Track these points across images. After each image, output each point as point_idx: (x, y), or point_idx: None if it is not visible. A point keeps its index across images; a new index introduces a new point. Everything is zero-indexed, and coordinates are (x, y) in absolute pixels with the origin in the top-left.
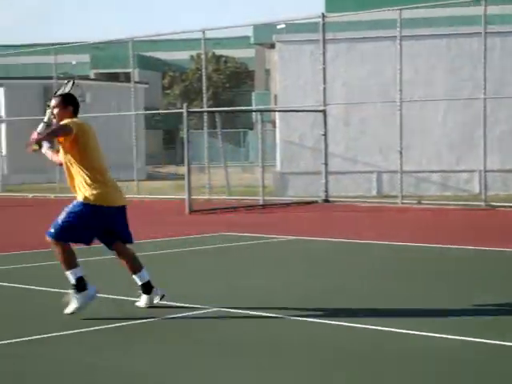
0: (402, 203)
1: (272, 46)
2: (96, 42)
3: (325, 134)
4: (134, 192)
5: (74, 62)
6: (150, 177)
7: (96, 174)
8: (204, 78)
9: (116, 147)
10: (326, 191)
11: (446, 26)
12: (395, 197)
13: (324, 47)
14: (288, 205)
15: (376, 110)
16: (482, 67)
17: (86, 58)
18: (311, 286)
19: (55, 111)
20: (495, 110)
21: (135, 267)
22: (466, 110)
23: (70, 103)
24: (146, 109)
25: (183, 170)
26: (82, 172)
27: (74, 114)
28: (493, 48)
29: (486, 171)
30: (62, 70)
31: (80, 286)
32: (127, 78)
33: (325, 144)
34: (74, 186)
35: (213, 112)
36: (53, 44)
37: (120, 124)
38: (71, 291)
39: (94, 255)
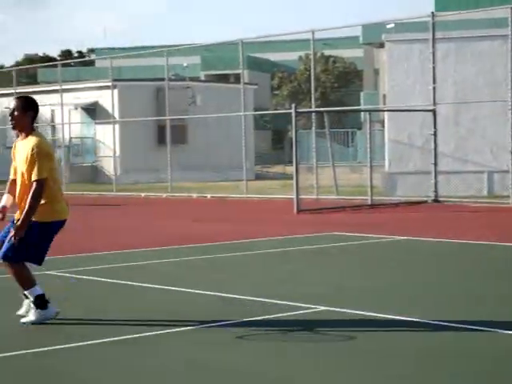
0: None
1: (381, 46)
2: (206, 44)
3: (434, 134)
4: (243, 192)
5: (185, 64)
6: (259, 177)
7: None
8: (312, 78)
9: (226, 148)
10: (436, 191)
11: None
12: (507, 197)
13: (434, 46)
14: (397, 205)
15: (486, 109)
16: None
17: (196, 59)
18: (422, 287)
19: (15, 113)
20: None
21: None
22: None
23: (30, 108)
24: (255, 109)
25: (291, 169)
26: None
27: (33, 120)
28: None
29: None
30: (174, 71)
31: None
32: (237, 79)
33: (434, 143)
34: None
35: (321, 112)
36: (165, 46)
37: (229, 125)
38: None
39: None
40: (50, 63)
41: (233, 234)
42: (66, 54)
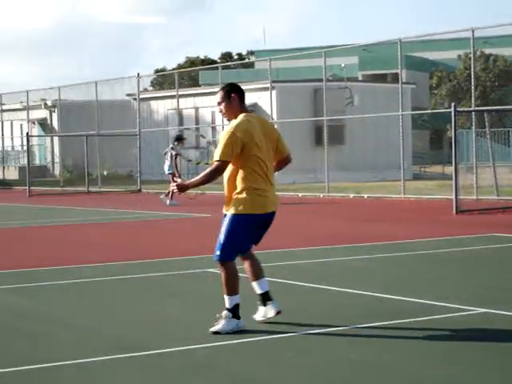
0: None
1: None
2: (364, 44)
3: None
4: (400, 192)
5: (342, 65)
6: (416, 177)
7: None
8: (473, 77)
9: (383, 148)
10: None
11: None
12: None
13: None
14: None
15: None
16: None
17: (354, 59)
18: None
19: (221, 106)
20: None
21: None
22: None
23: (233, 92)
24: (413, 109)
25: (450, 169)
26: None
27: (242, 102)
28: None
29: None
30: (331, 72)
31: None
32: (394, 78)
33: None
34: None
35: (481, 111)
36: (322, 47)
37: (387, 125)
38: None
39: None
40: (211, 65)
41: (390, 234)
42: (227, 56)
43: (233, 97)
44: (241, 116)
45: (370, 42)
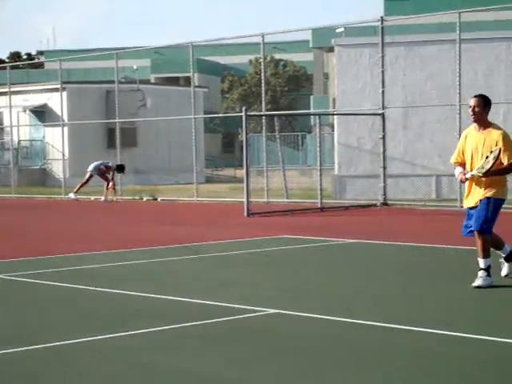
0: (462, 207)
1: (331, 50)
2: (156, 47)
3: (383, 138)
4: (193, 195)
5: (135, 67)
6: (209, 180)
7: None
8: (263, 81)
9: (176, 151)
10: (385, 194)
11: (506, 29)
12: (454, 200)
13: (383, 51)
14: (346, 208)
15: (435, 113)
16: None
17: (146, 62)
18: (368, 288)
19: (476, 110)
20: None
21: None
22: None
23: (488, 105)
24: (206, 112)
25: (241, 172)
26: None
27: (488, 114)
28: None
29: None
30: (124, 74)
31: (488, 272)
32: (187, 82)
33: (383, 147)
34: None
35: (271, 115)
36: (115, 49)
37: (180, 128)
38: (481, 272)
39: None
40: None
41: (182, 236)
42: (15, 56)
43: None
44: None
45: (162, 45)
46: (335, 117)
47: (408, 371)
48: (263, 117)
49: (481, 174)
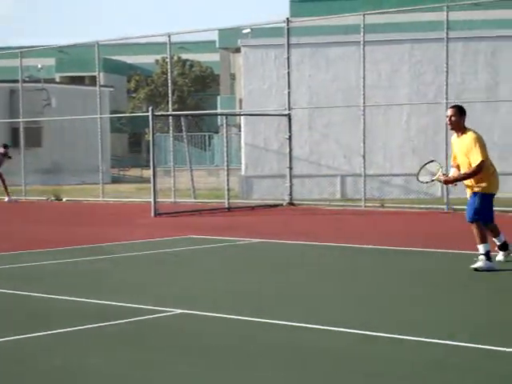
0: (366, 206)
1: (237, 51)
2: (61, 46)
3: (289, 138)
4: (99, 195)
5: (39, 66)
6: (115, 180)
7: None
8: (169, 81)
9: (82, 151)
10: (291, 194)
11: (409, 31)
12: (359, 200)
13: (288, 52)
14: (253, 208)
15: (340, 114)
16: (444, 72)
17: (51, 61)
18: (275, 288)
19: (453, 119)
20: None
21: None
22: (429, 114)
23: (464, 113)
24: (112, 112)
25: (148, 173)
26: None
27: (464, 122)
28: (455, 53)
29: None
30: (28, 73)
31: (487, 256)
32: (93, 81)
33: (289, 148)
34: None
35: (178, 115)
36: (19, 47)
37: (86, 128)
38: (481, 256)
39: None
40: None
41: (88, 237)
42: None
43: None
44: None
45: (67, 44)
46: (242, 117)
47: (311, 370)
48: (170, 117)
49: (441, 181)
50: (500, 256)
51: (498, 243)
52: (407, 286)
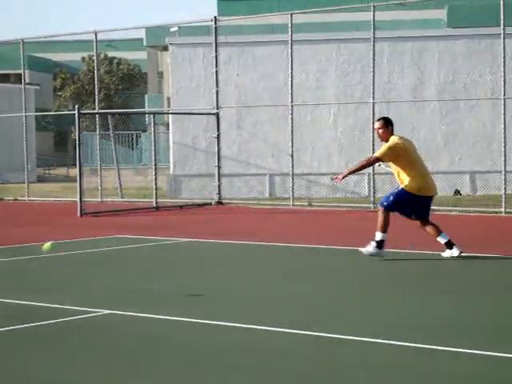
0: (294, 205)
1: (165, 49)
2: None
3: (218, 137)
4: (24, 195)
5: None
6: (41, 179)
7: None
8: (96, 79)
9: (6, 150)
10: (220, 193)
11: (336, 31)
12: (287, 199)
13: (216, 50)
14: (181, 207)
15: (268, 114)
16: (370, 72)
17: None
18: (206, 287)
19: (380, 131)
20: (383, 114)
21: (437, 232)
22: (356, 113)
23: (390, 124)
24: (37, 110)
25: (75, 171)
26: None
27: (392, 131)
28: (381, 53)
29: (374, 174)
30: None
31: (380, 245)
32: (18, 79)
33: (218, 147)
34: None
35: (105, 114)
36: None
37: (10, 126)
38: (373, 243)
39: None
40: None
41: (11, 237)
42: None
43: None
44: None
45: None
46: (170, 116)
47: (243, 370)
48: (97, 115)
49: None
50: (446, 253)
51: (444, 241)
52: (337, 285)
